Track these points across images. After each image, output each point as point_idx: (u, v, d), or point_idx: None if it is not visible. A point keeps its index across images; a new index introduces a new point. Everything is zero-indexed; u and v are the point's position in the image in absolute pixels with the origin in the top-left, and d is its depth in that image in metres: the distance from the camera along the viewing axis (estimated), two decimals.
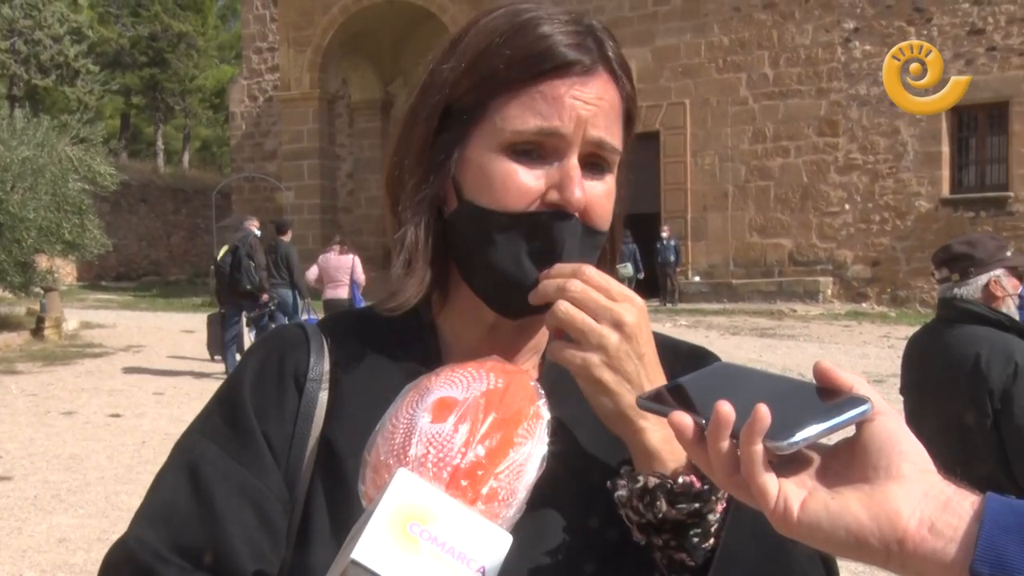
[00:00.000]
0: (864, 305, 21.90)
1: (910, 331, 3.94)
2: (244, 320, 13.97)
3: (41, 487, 8.08)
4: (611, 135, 1.08)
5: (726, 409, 0.76)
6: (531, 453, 0.95)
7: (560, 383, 1.10)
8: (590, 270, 1.02)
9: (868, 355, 14.93)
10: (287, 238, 14.98)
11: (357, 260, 14.75)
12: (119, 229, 31.58)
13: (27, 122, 17.85)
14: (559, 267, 1.03)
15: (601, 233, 1.10)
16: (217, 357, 14.17)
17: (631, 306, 1.01)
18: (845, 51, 22.30)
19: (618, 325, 0.99)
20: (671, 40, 23.64)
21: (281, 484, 1.06)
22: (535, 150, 1.05)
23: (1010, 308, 3.48)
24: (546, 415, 0.98)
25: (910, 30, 21.11)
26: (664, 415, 0.82)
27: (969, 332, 3.40)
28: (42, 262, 18.79)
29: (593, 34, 1.09)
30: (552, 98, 1.04)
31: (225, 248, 13.98)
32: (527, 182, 1.05)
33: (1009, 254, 3.54)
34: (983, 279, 3.47)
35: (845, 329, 18.97)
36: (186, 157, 51.42)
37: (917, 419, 3.43)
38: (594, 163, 1.08)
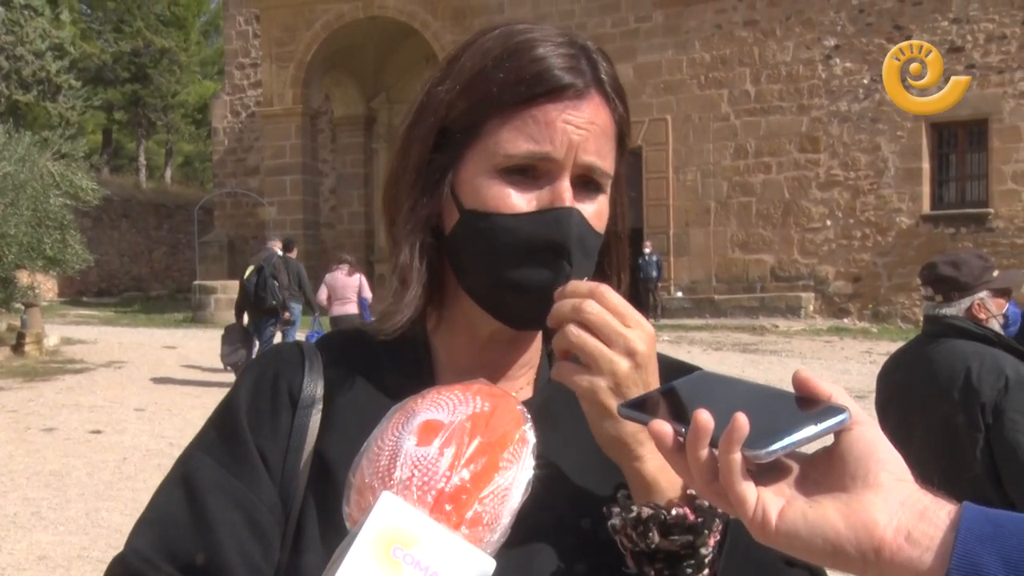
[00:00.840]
0: (846, 321, 21.98)
1: (892, 347, 3.97)
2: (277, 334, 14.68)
3: (21, 504, 8.02)
4: (602, 159, 1.08)
5: (704, 418, 0.77)
6: (516, 478, 0.95)
7: (553, 401, 1.12)
8: (607, 291, 1.01)
9: (850, 370, 14.99)
10: (293, 255, 15.55)
11: (364, 279, 15.16)
12: (101, 244, 31.44)
13: (8, 138, 17.75)
14: (575, 285, 1.02)
15: (598, 235, 1.10)
16: (229, 368, 14.27)
17: (644, 333, 1.00)
18: (826, 68, 22.45)
19: (630, 353, 0.98)
20: (653, 56, 23.74)
21: (275, 496, 1.07)
22: (528, 172, 1.06)
23: (994, 328, 3.50)
24: (532, 439, 0.98)
25: (890, 47, 21.19)
26: (644, 423, 0.83)
27: (958, 347, 3.41)
28: (23, 278, 18.66)
29: (587, 56, 1.09)
30: (544, 123, 1.05)
31: (251, 268, 14.60)
32: (519, 204, 1.06)
33: (995, 274, 3.55)
34: (967, 302, 3.49)
35: (827, 344, 19.03)
36: (168, 172, 51.30)
37: (904, 434, 3.43)
38: (585, 184, 1.08)
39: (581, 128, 1.06)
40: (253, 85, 32.06)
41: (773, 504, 0.76)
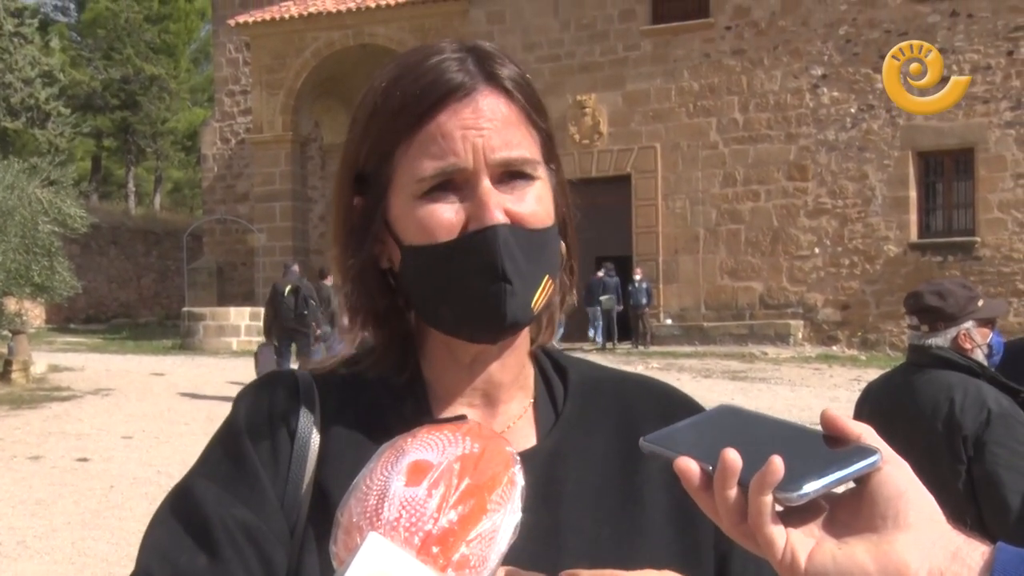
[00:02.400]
0: (834, 348, 22.02)
1: (880, 374, 3.96)
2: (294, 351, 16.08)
3: (6, 533, 7.96)
4: (517, 148, 1.05)
5: (732, 457, 0.75)
6: (504, 520, 0.94)
7: (564, 443, 1.12)
8: None
9: (839, 398, 14.99)
10: (328, 282, 16.55)
11: None
12: (89, 271, 31.34)
13: None
14: None
15: (541, 230, 1.07)
16: None
17: None
18: (813, 97, 22.59)
19: None
20: (642, 85, 23.86)
21: (284, 524, 1.05)
22: (447, 187, 1.05)
23: (979, 358, 3.50)
24: (521, 482, 0.97)
25: (876, 76, 21.40)
26: (669, 459, 0.81)
27: (942, 377, 3.41)
28: (10, 304, 18.60)
29: (476, 55, 1.07)
30: (442, 135, 1.03)
31: (288, 288, 16.06)
32: (447, 216, 1.04)
33: (980, 303, 3.56)
34: (952, 332, 3.49)
35: (816, 372, 19.05)
36: (157, 199, 51.26)
37: None
38: (511, 178, 1.06)
39: (481, 128, 1.04)
40: (243, 112, 32.12)
41: (802, 546, 0.74)
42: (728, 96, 23.26)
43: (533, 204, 1.06)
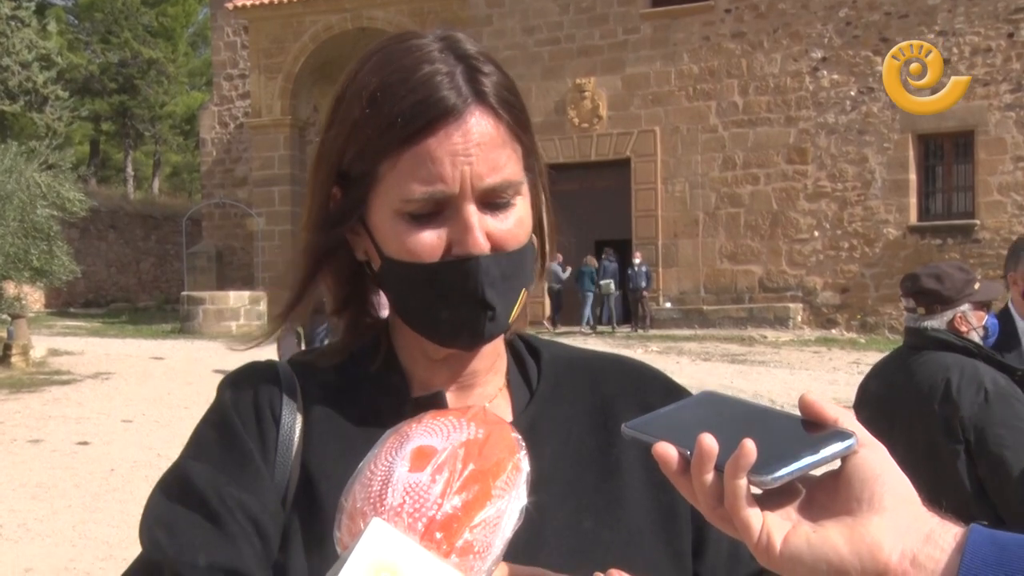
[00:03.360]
0: (834, 331, 22.03)
1: (879, 357, 3.97)
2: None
3: (7, 516, 7.98)
4: (502, 174, 1.06)
5: (708, 442, 0.76)
6: (509, 506, 0.94)
7: (540, 419, 1.14)
8: None
9: (838, 381, 15.01)
10: None
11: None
12: (88, 255, 31.35)
13: None
14: None
15: (518, 251, 1.09)
16: None
17: None
18: (813, 80, 22.54)
19: None
20: (641, 68, 23.80)
21: (277, 504, 1.06)
22: (431, 210, 1.05)
23: (975, 340, 3.52)
24: (526, 467, 0.98)
25: (876, 59, 21.37)
26: (649, 444, 0.82)
27: (939, 358, 3.42)
28: (10, 289, 18.61)
29: (465, 65, 1.07)
30: (431, 159, 1.03)
31: None
32: (429, 241, 1.05)
33: (976, 287, 3.57)
34: (949, 314, 3.50)
35: (815, 355, 19.06)
36: (156, 183, 51.18)
37: (887, 446, 3.42)
38: (493, 203, 1.07)
39: (470, 154, 1.04)
40: (241, 96, 32.06)
41: (778, 529, 0.75)
42: (728, 79, 23.21)
43: (513, 226, 1.08)
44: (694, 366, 16.97)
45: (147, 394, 14.60)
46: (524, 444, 1.00)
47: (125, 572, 1.05)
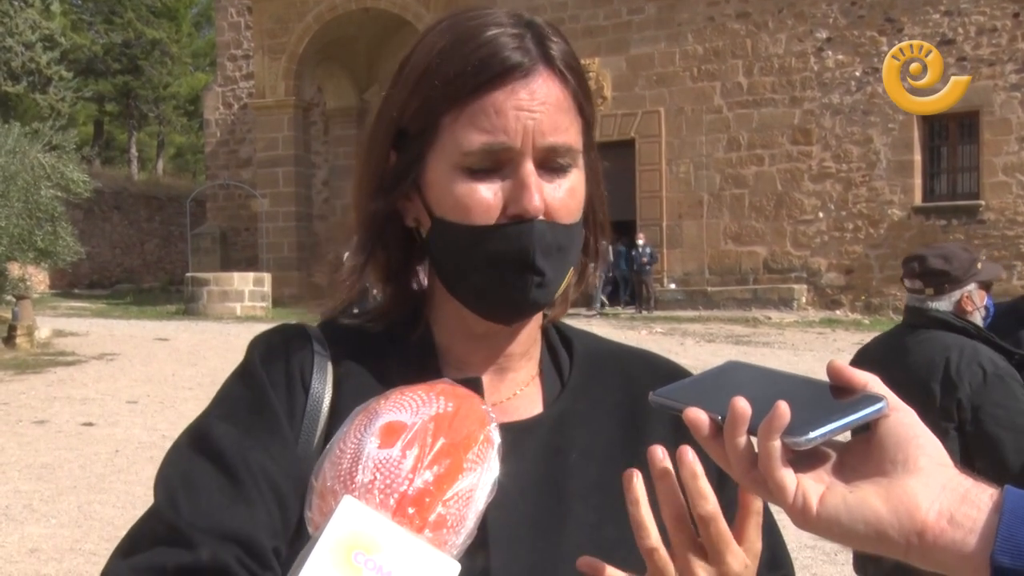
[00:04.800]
0: (838, 312, 22.02)
1: (872, 337, 3.98)
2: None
3: (12, 497, 8.01)
4: (564, 136, 1.06)
5: (742, 405, 0.77)
6: (481, 479, 0.93)
7: (568, 414, 1.13)
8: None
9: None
10: None
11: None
12: (92, 237, 31.38)
13: None
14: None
15: (571, 226, 1.09)
16: None
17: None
18: (818, 60, 22.46)
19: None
20: (646, 49, 23.73)
21: (299, 470, 1.03)
22: (490, 163, 1.05)
23: (977, 320, 3.53)
24: (497, 440, 0.97)
25: (882, 40, 21.29)
26: (679, 411, 0.82)
27: (939, 338, 3.43)
28: (14, 270, 18.64)
29: (534, 32, 1.07)
30: (496, 112, 1.03)
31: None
32: (486, 197, 1.05)
33: (980, 267, 3.58)
34: (957, 295, 3.51)
35: (819, 336, 19.07)
36: (160, 164, 51.16)
37: None
38: (551, 165, 1.07)
39: (534, 111, 1.04)
40: (245, 77, 32.01)
41: (813, 490, 0.75)
42: (732, 60, 23.13)
43: (568, 197, 1.08)
44: (698, 347, 16.97)
45: (151, 375, 14.63)
46: (494, 416, 1.00)
47: (138, 521, 1.03)
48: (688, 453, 0.90)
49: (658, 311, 22.77)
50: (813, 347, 17.40)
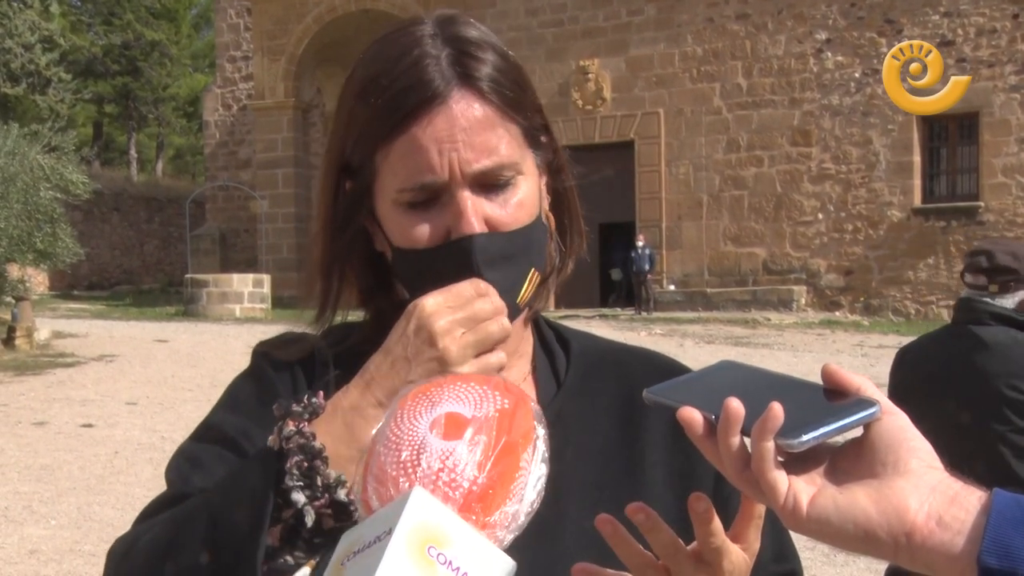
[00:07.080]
0: (837, 314, 22.02)
1: (883, 339, 3.97)
2: None
3: (12, 498, 8.01)
4: (494, 157, 1.06)
5: (735, 405, 0.77)
6: (531, 478, 0.93)
7: (567, 412, 1.14)
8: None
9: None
10: None
11: None
12: (92, 238, 31.36)
13: None
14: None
15: (519, 230, 1.08)
16: None
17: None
18: (817, 62, 22.47)
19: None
20: (645, 50, 23.74)
21: None
22: (427, 195, 1.06)
23: None
24: (545, 440, 0.97)
25: (881, 41, 21.30)
26: (673, 409, 0.83)
27: (1007, 334, 3.40)
28: (13, 271, 18.63)
29: (451, 47, 1.07)
30: (418, 148, 1.04)
31: None
32: (427, 228, 1.07)
33: None
34: (1021, 294, 3.48)
35: (819, 338, 19.06)
36: (160, 166, 51.14)
37: (931, 421, 3.37)
38: (491, 183, 1.07)
39: (456, 140, 1.04)
40: (245, 78, 32.01)
41: (804, 491, 0.76)
42: (732, 61, 23.15)
43: (512, 207, 1.08)
44: (697, 348, 16.97)
45: (151, 376, 14.63)
46: (543, 415, 1.00)
47: (151, 503, 1.06)
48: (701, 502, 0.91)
49: (657, 312, 22.76)
50: (812, 348, 17.40)
